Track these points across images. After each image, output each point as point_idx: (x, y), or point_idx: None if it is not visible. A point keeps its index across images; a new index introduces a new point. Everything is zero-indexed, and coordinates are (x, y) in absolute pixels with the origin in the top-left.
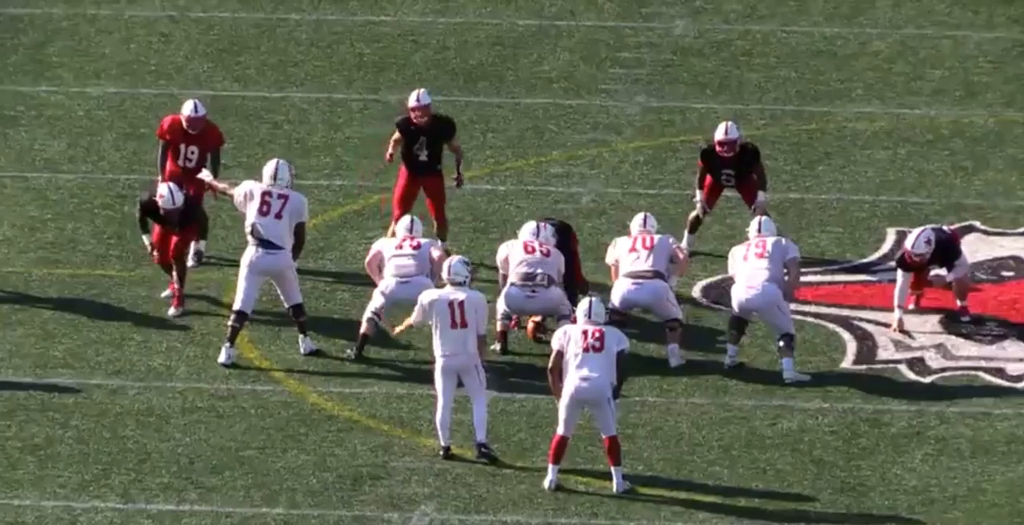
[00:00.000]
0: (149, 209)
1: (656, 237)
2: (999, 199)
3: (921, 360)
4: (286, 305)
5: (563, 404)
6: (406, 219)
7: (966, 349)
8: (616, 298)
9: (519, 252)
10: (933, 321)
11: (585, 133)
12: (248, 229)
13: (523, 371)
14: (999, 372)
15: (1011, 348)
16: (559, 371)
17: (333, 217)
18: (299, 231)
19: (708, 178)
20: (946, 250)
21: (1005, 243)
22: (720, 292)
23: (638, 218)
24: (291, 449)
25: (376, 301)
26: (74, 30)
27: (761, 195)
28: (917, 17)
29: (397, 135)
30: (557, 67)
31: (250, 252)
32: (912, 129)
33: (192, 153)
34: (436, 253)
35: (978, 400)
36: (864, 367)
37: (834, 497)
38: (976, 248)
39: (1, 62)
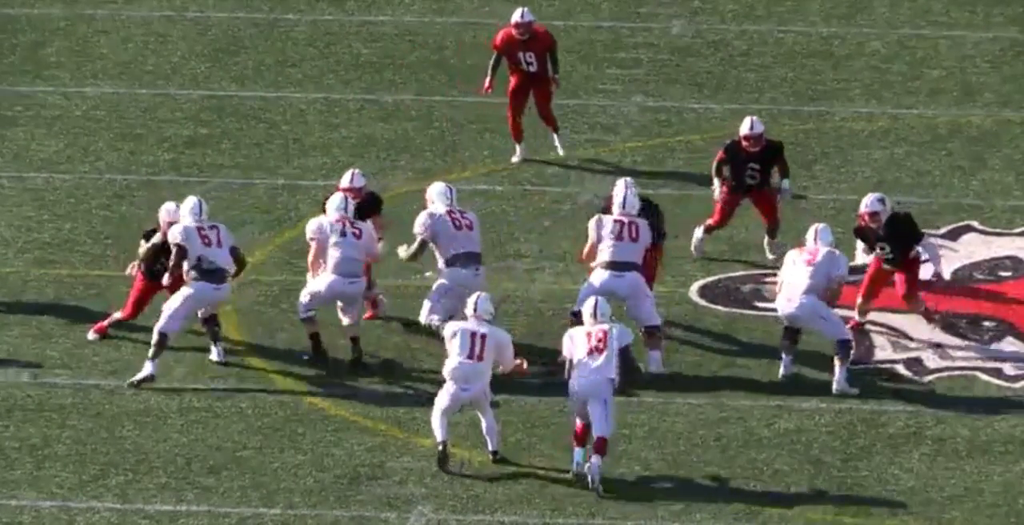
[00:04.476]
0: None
1: (642, 228)
2: (996, 199)
3: (918, 360)
4: (202, 316)
5: (570, 403)
6: (338, 198)
7: (963, 349)
8: (594, 284)
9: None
10: None
11: (583, 133)
12: (193, 263)
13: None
14: (996, 372)
15: (1008, 348)
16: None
17: None
18: (237, 255)
19: (725, 193)
20: (902, 225)
21: (1002, 243)
22: (716, 292)
23: (619, 189)
24: (288, 449)
25: (315, 299)
26: (71, 30)
27: (786, 182)
28: (914, 17)
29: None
30: None
31: (196, 286)
32: (909, 129)
33: (530, 58)
34: (375, 233)
35: (975, 400)
36: (861, 367)
37: (831, 497)
38: (973, 248)
39: None
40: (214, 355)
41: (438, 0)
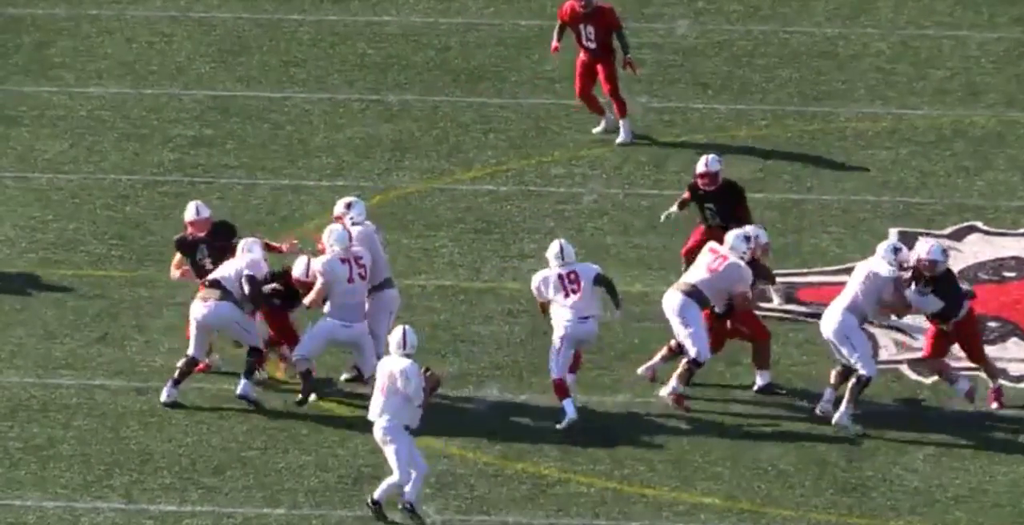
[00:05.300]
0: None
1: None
2: (1001, 199)
3: (922, 360)
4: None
5: (562, 344)
6: (338, 230)
7: None
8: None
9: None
10: None
11: (587, 133)
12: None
13: (523, 372)
14: (1001, 373)
15: (1013, 349)
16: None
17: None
18: (249, 282)
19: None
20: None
21: (1007, 243)
22: None
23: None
24: (292, 449)
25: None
26: (76, 30)
27: (751, 229)
28: (919, 17)
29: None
30: (559, 67)
31: (196, 306)
32: (914, 129)
33: (590, 33)
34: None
35: (980, 401)
36: None
37: (836, 497)
38: (978, 249)
39: (3, 62)
40: (239, 388)
41: (443, 1)
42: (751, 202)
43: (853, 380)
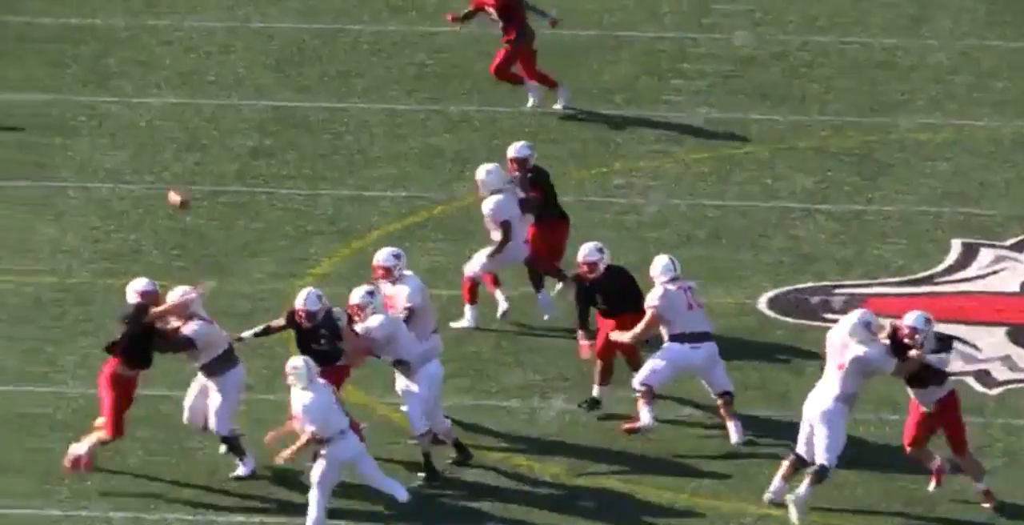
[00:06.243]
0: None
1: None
2: None
3: (987, 372)
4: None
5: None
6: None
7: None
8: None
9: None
10: (999, 333)
11: (647, 144)
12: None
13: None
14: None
15: None
16: None
17: (396, 228)
18: None
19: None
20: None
21: None
22: (785, 304)
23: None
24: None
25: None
26: (135, 40)
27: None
28: (978, 28)
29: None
30: (618, 78)
31: (236, 372)
32: (974, 140)
33: (493, 15)
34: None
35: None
36: None
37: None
38: None
39: (63, 72)
40: (240, 470)
41: None
42: (816, 214)
43: (814, 471)
